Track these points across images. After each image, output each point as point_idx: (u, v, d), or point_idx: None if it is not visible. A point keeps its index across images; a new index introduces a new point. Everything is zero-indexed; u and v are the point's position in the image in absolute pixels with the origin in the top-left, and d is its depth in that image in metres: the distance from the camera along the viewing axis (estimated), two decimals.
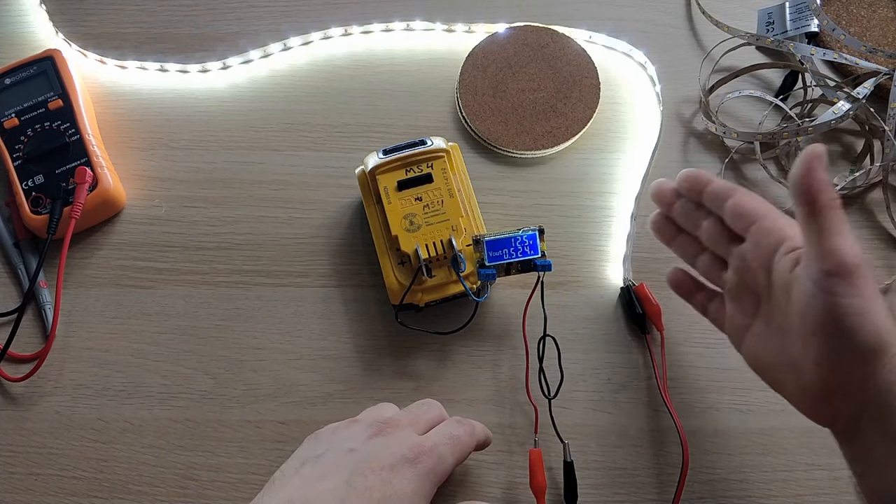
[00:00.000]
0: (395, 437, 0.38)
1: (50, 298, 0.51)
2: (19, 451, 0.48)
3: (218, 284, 0.52)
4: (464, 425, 0.42)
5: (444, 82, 0.57)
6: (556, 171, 0.55)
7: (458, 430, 0.41)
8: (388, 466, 0.36)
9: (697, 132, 0.56)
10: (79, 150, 0.52)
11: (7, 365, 0.50)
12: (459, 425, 0.41)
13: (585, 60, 0.56)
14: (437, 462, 0.38)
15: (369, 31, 0.59)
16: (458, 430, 0.41)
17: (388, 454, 0.37)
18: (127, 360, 0.50)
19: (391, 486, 0.35)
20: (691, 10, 0.60)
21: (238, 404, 0.49)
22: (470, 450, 0.41)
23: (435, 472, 0.37)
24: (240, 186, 0.54)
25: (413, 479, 0.36)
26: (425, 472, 0.37)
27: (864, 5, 0.58)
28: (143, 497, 0.47)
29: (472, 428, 0.42)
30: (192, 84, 0.58)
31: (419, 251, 0.46)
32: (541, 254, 0.46)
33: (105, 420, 0.48)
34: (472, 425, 0.42)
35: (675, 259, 0.52)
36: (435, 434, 0.40)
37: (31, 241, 0.53)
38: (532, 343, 0.47)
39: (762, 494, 0.46)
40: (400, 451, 0.37)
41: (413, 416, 0.41)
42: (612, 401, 0.48)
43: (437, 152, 0.48)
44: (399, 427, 0.39)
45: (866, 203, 0.54)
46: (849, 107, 0.51)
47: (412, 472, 0.36)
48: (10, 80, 0.53)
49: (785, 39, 0.55)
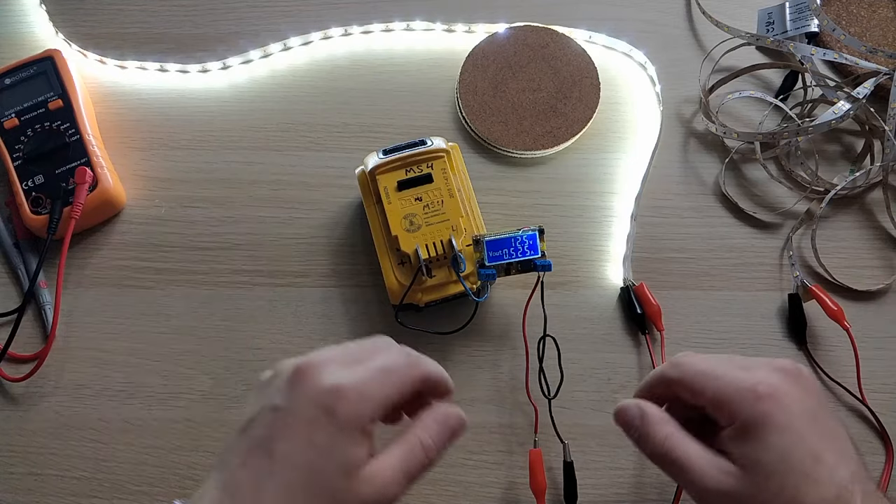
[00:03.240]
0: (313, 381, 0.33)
1: (50, 298, 0.51)
2: (19, 451, 0.48)
3: (218, 284, 0.52)
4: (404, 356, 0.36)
5: (444, 82, 0.57)
6: (556, 171, 0.55)
7: (392, 362, 0.35)
8: (308, 420, 0.32)
9: (697, 132, 0.56)
10: (79, 150, 0.52)
11: (7, 365, 0.50)
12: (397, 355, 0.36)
13: (585, 60, 0.56)
14: (361, 402, 0.33)
15: (369, 31, 0.59)
16: (392, 362, 0.35)
17: (306, 404, 0.33)
18: (127, 361, 0.50)
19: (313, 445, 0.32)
20: (691, 10, 0.60)
21: (238, 404, 0.49)
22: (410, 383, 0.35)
23: (359, 416, 0.33)
24: (240, 186, 0.54)
25: (335, 432, 0.32)
26: (347, 418, 0.32)
27: (864, 5, 0.58)
28: (143, 497, 0.47)
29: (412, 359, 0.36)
30: (192, 84, 0.58)
31: (419, 251, 0.46)
32: (541, 254, 0.45)
33: (105, 420, 0.48)
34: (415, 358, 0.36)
35: (673, 259, 0.52)
36: (362, 369, 0.34)
37: (31, 241, 0.53)
38: (532, 343, 0.47)
39: None
40: (317, 397, 0.33)
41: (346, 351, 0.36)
42: (612, 401, 0.48)
43: (437, 152, 0.48)
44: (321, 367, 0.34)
45: (866, 203, 0.54)
46: (849, 107, 0.51)
47: (331, 424, 0.32)
48: (10, 80, 0.53)
49: (785, 39, 0.55)
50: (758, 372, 0.36)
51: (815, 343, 0.50)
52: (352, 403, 0.33)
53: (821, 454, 0.34)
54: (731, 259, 0.52)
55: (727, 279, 0.51)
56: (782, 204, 0.53)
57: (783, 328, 0.50)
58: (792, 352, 0.50)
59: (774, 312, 0.51)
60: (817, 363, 0.49)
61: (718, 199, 0.54)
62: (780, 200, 0.54)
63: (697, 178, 0.54)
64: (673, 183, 0.54)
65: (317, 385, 0.33)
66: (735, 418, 0.35)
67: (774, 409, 0.34)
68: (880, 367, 0.49)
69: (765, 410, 0.34)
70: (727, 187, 0.54)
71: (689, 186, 0.54)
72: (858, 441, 0.47)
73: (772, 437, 0.34)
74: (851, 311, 0.49)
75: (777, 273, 0.52)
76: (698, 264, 0.52)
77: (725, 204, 0.54)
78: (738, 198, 0.53)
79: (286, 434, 0.33)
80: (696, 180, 0.54)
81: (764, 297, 0.51)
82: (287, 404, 0.33)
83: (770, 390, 0.35)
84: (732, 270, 0.52)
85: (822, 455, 0.34)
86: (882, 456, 0.47)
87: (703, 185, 0.54)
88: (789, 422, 0.34)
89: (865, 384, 0.48)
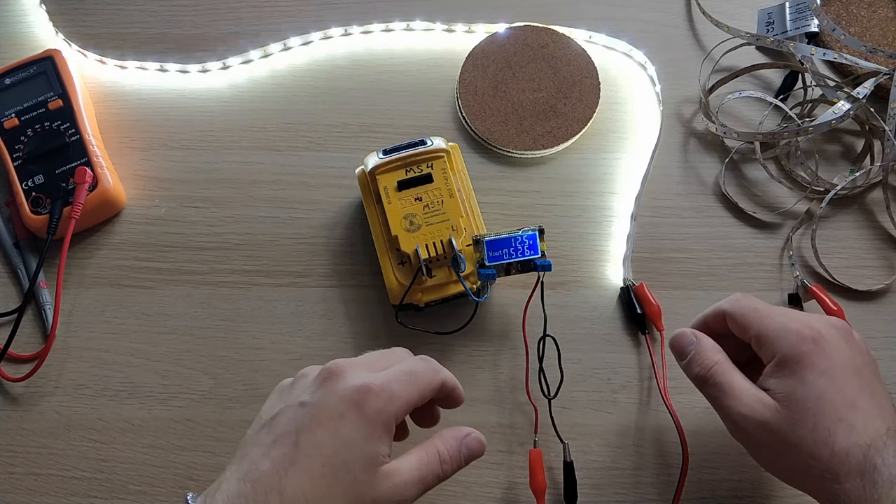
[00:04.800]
0: (343, 381, 0.35)
1: (50, 298, 0.51)
2: (19, 451, 0.48)
3: (218, 284, 0.52)
4: (425, 362, 0.38)
5: (444, 82, 0.57)
6: (556, 171, 0.55)
7: (416, 366, 0.37)
8: (337, 415, 0.34)
9: (697, 132, 0.56)
10: (79, 150, 0.52)
11: (7, 365, 0.50)
12: (420, 361, 0.38)
13: (585, 60, 0.56)
14: (388, 401, 0.35)
15: (369, 31, 0.59)
16: (416, 366, 0.37)
17: (337, 400, 0.35)
18: (127, 360, 0.50)
19: (340, 437, 0.34)
20: (691, 10, 0.60)
21: (238, 404, 0.49)
22: (431, 387, 0.37)
23: (386, 412, 0.35)
24: (240, 186, 0.54)
25: (362, 426, 0.34)
26: (374, 414, 0.34)
27: (864, 5, 0.58)
28: (143, 497, 0.47)
29: (434, 365, 0.38)
30: (192, 84, 0.58)
31: (419, 251, 0.46)
32: (541, 254, 0.45)
33: (105, 420, 0.48)
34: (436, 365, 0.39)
35: (673, 259, 0.52)
36: (388, 372, 0.37)
37: (31, 241, 0.53)
38: (532, 343, 0.47)
39: (762, 494, 0.46)
40: (347, 394, 0.35)
41: (369, 358, 0.38)
42: (612, 401, 0.48)
43: (437, 152, 0.48)
44: (350, 369, 0.36)
45: (866, 203, 0.54)
46: (849, 107, 0.51)
47: (360, 418, 0.34)
48: (10, 80, 0.53)
49: (785, 39, 0.55)
50: (809, 320, 0.38)
51: None
52: (380, 401, 0.35)
53: (858, 402, 0.35)
54: (731, 259, 0.52)
55: (727, 279, 0.51)
56: (782, 204, 0.53)
57: None
58: None
59: None
60: None
61: (718, 199, 0.54)
62: (780, 200, 0.54)
63: (697, 178, 0.54)
64: (673, 183, 0.54)
65: (347, 383, 0.35)
66: (775, 354, 0.37)
67: (815, 352, 0.36)
68: (881, 368, 0.49)
69: (805, 350, 0.36)
70: (727, 187, 0.54)
71: (689, 186, 0.54)
72: None
73: (810, 375, 0.36)
74: (851, 311, 0.49)
75: (777, 273, 0.52)
76: (698, 264, 0.52)
77: (725, 204, 0.54)
78: (738, 198, 0.53)
79: (314, 427, 0.34)
80: (696, 180, 0.54)
81: (764, 297, 0.50)
82: (316, 401, 0.35)
83: (815, 335, 0.37)
84: (732, 270, 0.52)
85: (858, 403, 0.35)
86: None
87: (703, 185, 0.54)
88: (829, 367, 0.36)
89: None
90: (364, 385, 0.35)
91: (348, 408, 0.34)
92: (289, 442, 0.34)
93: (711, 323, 0.42)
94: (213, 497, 0.33)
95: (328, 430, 0.34)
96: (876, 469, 0.34)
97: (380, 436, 0.35)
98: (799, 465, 0.35)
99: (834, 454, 0.34)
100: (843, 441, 0.34)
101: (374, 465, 0.34)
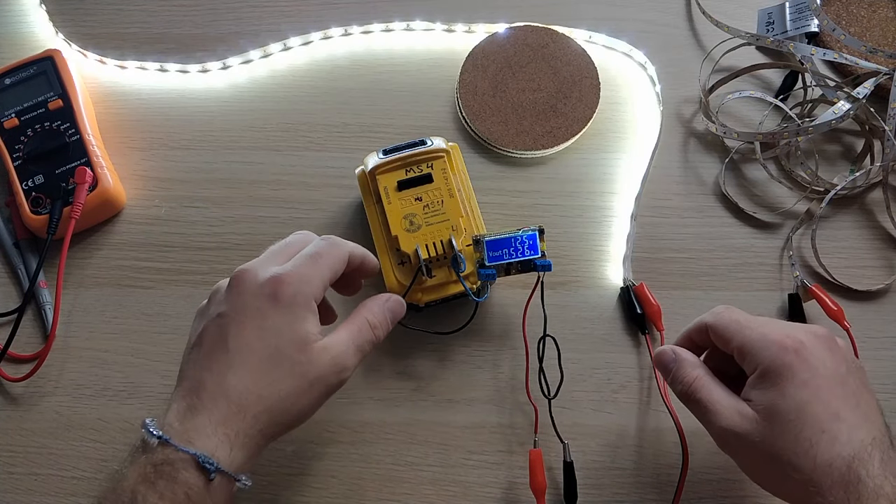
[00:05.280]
0: (252, 281, 0.37)
1: (50, 298, 0.51)
2: (19, 451, 0.48)
3: None
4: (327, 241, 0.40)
5: (444, 82, 0.57)
6: (556, 171, 0.55)
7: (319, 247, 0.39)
8: (255, 311, 0.36)
9: (697, 132, 0.56)
10: (79, 150, 0.52)
11: (7, 365, 0.50)
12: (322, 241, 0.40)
13: (585, 60, 0.56)
14: (300, 284, 0.37)
15: (369, 31, 0.59)
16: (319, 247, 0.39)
17: (251, 299, 0.36)
18: (127, 360, 0.50)
19: (265, 329, 0.35)
20: (691, 10, 0.60)
21: None
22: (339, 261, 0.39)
23: (302, 294, 0.36)
24: (240, 186, 0.54)
25: (281, 312, 0.36)
26: (290, 299, 0.36)
27: (864, 5, 0.58)
28: None
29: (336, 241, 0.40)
30: (192, 84, 0.58)
31: (419, 251, 0.46)
32: (541, 254, 0.45)
33: (105, 420, 0.48)
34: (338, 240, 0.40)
35: (673, 259, 0.52)
36: (293, 260, 0.38)
37: (31, 241, 0.53)
38: (532, 343, 0.47)
39: (762, 494, 0.46)
40: (259, 290, 0.36)
41: (271, 253, 0.40)
42: (612, 401, 0.48)
43: (437, 152, 0.48)
44: (255, 268, 0.38)
45: (866, 203, 0.54)
46: (849, 107, 0.51)
47: (277, 306, 0.36)
48: (10, 80, 0.53)
49: (785, 39, 0.55)
50: (790, 329, 0.37)
51: None
52: (292, 286, 0.36)
53: (841, 413, 0.35)
54: (731, 259, 0.52)
55: (727, 279, 0.51)
56: (782, 204, 0.53)
57: None
58: None
59: (774, 312, 0.51)
60: None
61: (718, 199, 0.54)
62: (780, 200, 0.54)
63: (697, 178, 0.54)
64: (673, 183, 0.54)
65: (255, 281, 0.37)
66: (757, 366, 0.36)
67: (797, 363, 0.36)
68: (880, 367, 0.49)
69: (787, 361, 0.36)
70: (727, 187, 0.54)
71: (689, 186, 0.54)
72: None
73: (790, 387, 0.35)
74: (851, 311, 0.49)
75: (777, 273, 0.52)
76: (698, 264, 0.52)
77: (725, 204, 0.54)
78: (738, 198, 0.53)
79: (238, 329, 0.35)
80: (696, 180, 0.54)
81: (764, 297, 0.51)
82: (232, 306, 0.36)
83: (796, 345, 0.36)
84: (732, 270, 0.52)
85: (842, 414, 0.35)
86: None
87: (703, 185, 0.54)
88: (811, 378, 0.35)
89: None
90: (272, 277, 0.37)
91: (264, 302, 0.36)
92: (220, 349, 0.35)
93: (695, 337, 0.41)
94: (165, 416, 0.34)
95: (252, 326, 0.35)
96: (860, 481, 0.33)
97: (304, 316, 0.36)
98: (783, 477, 0.35)
99: (817, 466, 0.34)
100: (825, 453, 0.34)
101: (307, 343, 0.36)
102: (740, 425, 0.36)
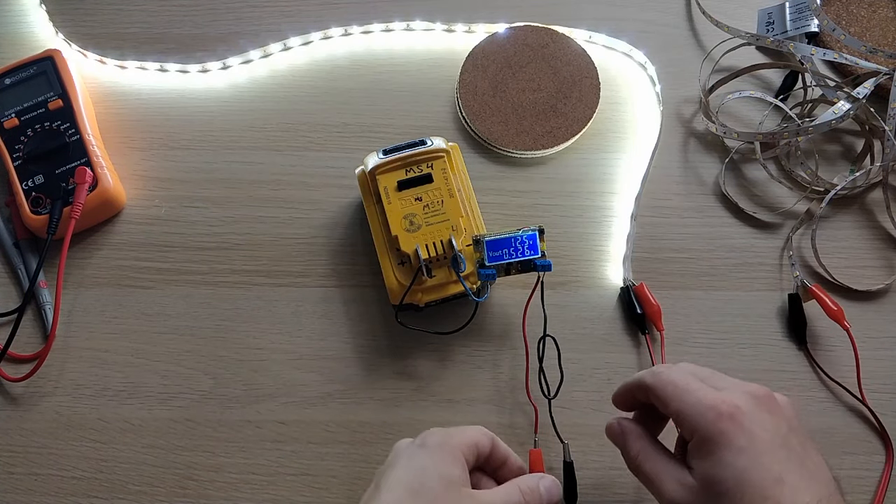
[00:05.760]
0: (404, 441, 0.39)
1: (50, 298, 0.51)
2: (19, 451, 0.48)
3: (218, 284, 0.52)
4: None
5: (444, 82, 0.57)
6: (556, 171, 0.55)
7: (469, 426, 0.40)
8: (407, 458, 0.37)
9: (697, 132, 0.56)
10: (79, 150, 0.52)
11: (7, 365, 0.50)
12: None
13: (585, 60, 0.56)
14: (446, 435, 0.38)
15: (369, 31, 0.59)
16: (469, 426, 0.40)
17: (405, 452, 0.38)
18: (127, 360, 0.50)
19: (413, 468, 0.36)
20: (691, 10, 0.60)
21: (238, 404, 0.49)
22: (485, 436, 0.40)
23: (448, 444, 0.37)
24: (240, 186, 0.54)
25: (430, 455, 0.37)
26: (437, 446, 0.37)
27: (864, 5, 0.58)
28: (143, 497, 0.47)
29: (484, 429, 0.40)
30: (192, 84, 0.58)
31: (419, 251, 0.46)
32: (541, 254, 0.45)
33: (105, 420, 0.48)
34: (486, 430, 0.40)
35: (673, 259, 0.52)
36: None
37: (31, 241, 0.53)
38: (532, 343, 0.47)
39: None
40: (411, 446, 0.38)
41: None
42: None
43: (437, 152, 0.48)
44: None
45: (866, 203, 0.54)
46: (849, 107, 0.51)
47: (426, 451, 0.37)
48: (10, 80, 0.53)
49: (785, 39, 0.55)
50: (726, 392, 0.36)
51: (815, 343, 0.50)
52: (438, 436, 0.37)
53: (784, 477, 0.33)
54: (731, 259, 0.52)
55: (727, 279, 0.51)
56: (782, 204, 0.53)
57: (783, 328, 0.50)
58: (792, 352, 0.50)
59: (774, 312, 0.51)
60: (817, 363, 0.49)
61: (718, 199, 0.54)
62: (780, 200, 0.54)
63: (697, 178, 0.54)
64: (673, 183, 0.54)
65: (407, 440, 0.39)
66: (694, 433, 0.35)
67: (733, 430, 0.34)
68: (880, 367, 0.49)
69: (722, 429, 0.34)
70: (727, 187, 0.54)
71: (689, 186, 0.54)
72: (858, 441, 0.47)
73: (728, 456, 0.34)
74: (851, 311, 0.49)
75: (777, 273, 0.52)
76: (698, 264, 0.52)
77: (725, 204, 0.54)
78: (738, 198, 0.53)
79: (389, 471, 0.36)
80: (696, 180, 0.54)
81: (764, 296, 0.51)
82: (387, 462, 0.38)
83: (732, 410, 0.35)
84: (732, 270, 0.52)
85: (786, 477, 0.33)
86: (882, 456, 0.47)
87: (703, 185, 0.54)
88: (749, 444, 0.34)
89: (865, 384, 0.48)
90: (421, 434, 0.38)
91: (415, 450, 0.37)
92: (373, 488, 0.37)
93: (636, 393, 0.40)
94: None
95: (402, 467, 0.36)
96: None
97: (452, 461, 0.36)
98: None
99: None
100: None
101: (454, 484, 0.36)
102: (683, 497, 0.35)
